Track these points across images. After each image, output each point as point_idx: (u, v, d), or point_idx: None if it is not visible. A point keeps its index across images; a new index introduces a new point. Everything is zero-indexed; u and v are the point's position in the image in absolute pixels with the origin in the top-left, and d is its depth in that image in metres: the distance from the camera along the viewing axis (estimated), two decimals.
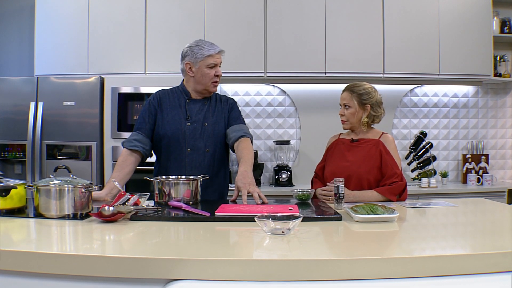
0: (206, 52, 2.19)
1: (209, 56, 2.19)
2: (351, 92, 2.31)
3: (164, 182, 1.95)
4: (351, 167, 2.23)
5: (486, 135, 4.14)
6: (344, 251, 1.27)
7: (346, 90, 2.35)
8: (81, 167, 3.25)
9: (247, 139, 2.23)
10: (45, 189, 1.61)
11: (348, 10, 3.66)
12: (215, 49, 2.21)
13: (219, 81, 2.26)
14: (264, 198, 1.92)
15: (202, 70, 2.20)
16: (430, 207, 1.97)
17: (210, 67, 2.20)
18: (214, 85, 2.25)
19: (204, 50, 2.19)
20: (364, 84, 2.34)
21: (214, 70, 2.21)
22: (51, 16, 3.60)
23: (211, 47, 2.21)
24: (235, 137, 2.22)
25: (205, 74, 2.21)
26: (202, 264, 1.09)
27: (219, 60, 2.23)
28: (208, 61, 2.19)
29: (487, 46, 3.74)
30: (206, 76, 2.21)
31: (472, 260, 1.14)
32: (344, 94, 2.35)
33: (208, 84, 2.23)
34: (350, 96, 2.31)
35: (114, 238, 1.38)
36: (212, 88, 2.26)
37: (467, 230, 1.59)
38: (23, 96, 3.33)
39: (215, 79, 2.23)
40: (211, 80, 2.22)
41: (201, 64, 2.20)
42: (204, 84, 2.24)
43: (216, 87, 2.27)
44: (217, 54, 2.21)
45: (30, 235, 1.45)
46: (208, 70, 2.20)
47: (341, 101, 2.35)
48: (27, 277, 1.15)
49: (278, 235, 1.34)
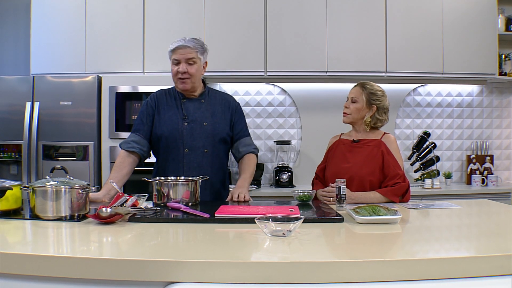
0: (170, 47, 2.18)
1: (171, 51, 2.18)
2: (363, 88, 2.31)
3: (162, 183, 1.94)
4: (353, 169, 2.21)
5: (491, 135, 4.10)
6: (346, 253, 1.27)
7: (358, 86, 2.35)
8: (78, 168, 3.23)
9: (254, 156, 2.32)
10: (42, 190, 1.60)
11: (350, 8, 3.64)
12: (177, 43, 2.17)
13: (190, 79, 2.18)
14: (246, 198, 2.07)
15: (171, 67, 2.20)
16: (434, 208, 1.96)
17: (173, 63, 2.19)
18: (180, 81, 2.19)
19: (170, 46, 2.18)
20: (377, 86, 2.35)
21: (177, 67, 2.17)
22: (48, 14, 3.58)
23: (176, 43, 2.17)
24: (244, 152, 2.29)
25: (171, 71, 2.20)
26: (202, 267, 1.08)
27: (182, 56, 2.15)
28: (172, 56, 2.18)
29: (492, 44, 3.71)
30: (172, 72, 2.20)
31: (476, 262, 1.13)
32: (354, 88, 2.35)
33: (175, 80, 2.21)
34: (361, 92, 2.31)
35: (112, 240, 1.37)
36: (179, 85, 2.21)
37: (471, 232, 1.59)
38: (19, 95, 3.31)
39: (178, 75, 2.18)
40: (175, 77, 2.20)
41: (171, 61, 2.20)
42: (173, 81, 2.23)
43: (184, 84, 2.19)
44: (176, 49, 2.15)
45: (26, 237, 1.45)
46: (172, 66, 2.19)
47: (350, 95, 2.35)
48: (23, 280, 1.14)
49: (278, 236, 1.34)
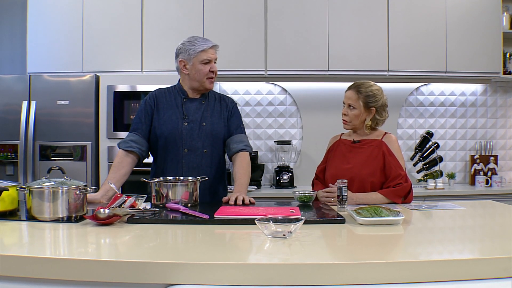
0: (199, 47, 2.16)
1: (202, 51, 2.16)
2: (358, 93, 2.23)
3: (161, 184, 1.93)
4: (353, 170, 2.18)
5: (495, 135, 4.08)
6: (347, 255, 1.26)
7: (352, 89, 2.26)
8: (75, 168, 3.21)
9: (246, 154, 2.24)
10: (38, 191, 1.59)
11: (352, 6, 3.62)
12: (208, 43, 2.18)
13: (215, 77, 2.23)
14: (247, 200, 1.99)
15: (196, 67, 2.18)
16: (437, 209, 1.95)
17: (204, 63, 2.17)
18: (210, 81, 2.22)
19: (197, 46, 2.16)
20: (372, 85, 2.26)
21: (209, 66, 2.18)
22: (44, 11, 3.56)
23: (204, 42, 2.18)
24: (235, 149, 2.23)
25: (199, 71, 2.18)
26: (201, 268, 1.08)
27: (213, 56, 2.19)
28: (202, 57, 2.16)
29: (496, 42, 3.69)
30: (201, 72, 2.18)
31: (480, 264, 1.12)
32: (349, 93, 2.26)
33: (203, 80, 2.20)
34: (357, 97, 2.22)
35: (110, 242, 1.37)
36: (209, 85, 2.23)
37: (475, 233, 1.58)
38: (15, 94, 3.29)
39: (210, 75, 2.20)
40: (205, 76, 2.19)
41: (194, 61, 2.17)
42: (199, 81, 2.21)
43: (212, 83, 2.24)
44: (210, 49, 2.18)
45: (23, 239, 1.44)
46: (202, 66, 2.17)
47: (346, 100, 2.27)
48: (20, 282, 1.14)
49: (279, 238, 1.33)
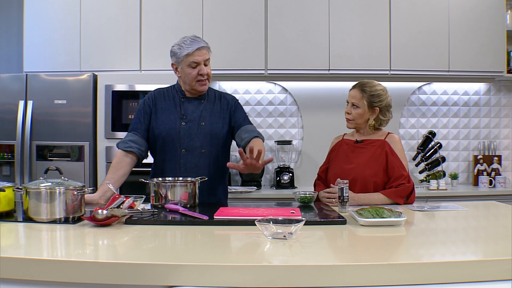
0: (184, 51, 2.11)
1: (188, 55, 2.11)
2: (362, 92, 2.22)
3: (160, 184, 1.92)
4: (356, 170, 2.17)
5: (499, 135, 4.05)
6: (349, 256, 1.26)
7: (356, 88, 2.25)
8: (73, 169, 3.21)
9: (260, 139, 2.16)
10: (35, 192, 1.58)
11: (353, 4, 3.61)
12: (194, 46, 2.12)
13: (209, 78, 2.18)
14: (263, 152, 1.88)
15: (185, 70, 2.15)
16: (439, 210, 1.94)
17: (191, 67, 2.14)
18: (200, 84, 2.17)
19: (182, 50, 2.12)
20: (377, 85, 2.25)
21: (197, 69, 2.14)
22: (41, 10, 3.55)
23: (190, 45, 2.12)
24: (248, 137, 2.16)
25: (188, 74, 2.15)
26: (201, 270, 1.07)
27: (201, 58, 2.13)
28: (188, 60, 2.12)
29: (500, 41, 3.67)
30: (189, 76, 2.15)
31: (483, 266, 1.11)
32: (354, 91, 2.25)
33: (193, 84, 2.17)
34: (361, 96, 2.22)
35: (108, 243, 1.36)
36: (200, 88, 2.19)
37: (478, 235, 1.57)
38: (12, 94, 3.28)
39: (199, 78, 2.15)
40: (194, 80, 2.16)
41: (183, 65, 2.15)
42: (189, 84, 2.18)
43: (204, 85, 2.19)
44: (196, 51, 2.11)
45: (19, 240, 1.43)
46: (190, 70, 2.14)
47: (350, 99, 2.26)
48: (17, 284, 1.13)
49: (279, 239, 1.33)
